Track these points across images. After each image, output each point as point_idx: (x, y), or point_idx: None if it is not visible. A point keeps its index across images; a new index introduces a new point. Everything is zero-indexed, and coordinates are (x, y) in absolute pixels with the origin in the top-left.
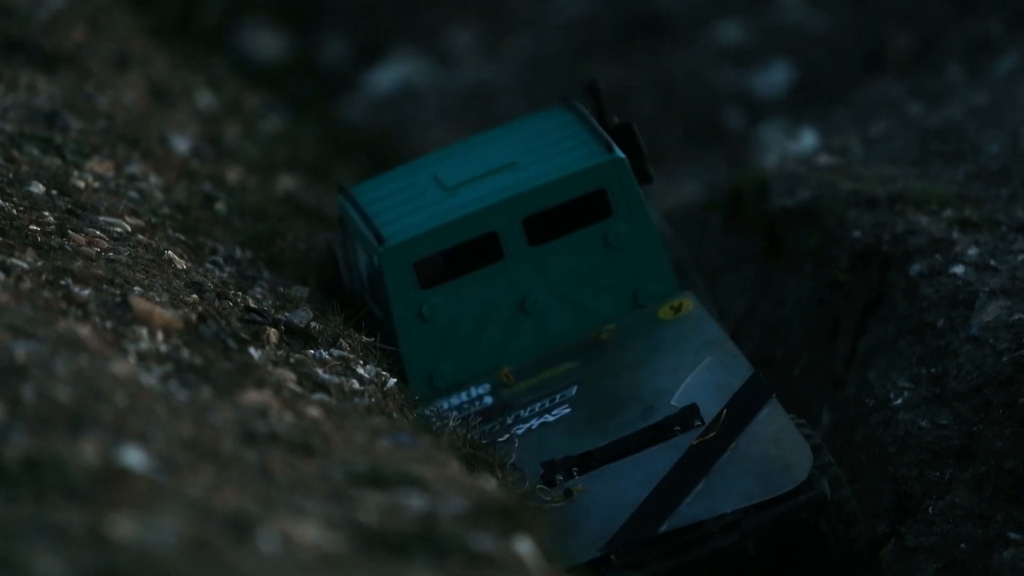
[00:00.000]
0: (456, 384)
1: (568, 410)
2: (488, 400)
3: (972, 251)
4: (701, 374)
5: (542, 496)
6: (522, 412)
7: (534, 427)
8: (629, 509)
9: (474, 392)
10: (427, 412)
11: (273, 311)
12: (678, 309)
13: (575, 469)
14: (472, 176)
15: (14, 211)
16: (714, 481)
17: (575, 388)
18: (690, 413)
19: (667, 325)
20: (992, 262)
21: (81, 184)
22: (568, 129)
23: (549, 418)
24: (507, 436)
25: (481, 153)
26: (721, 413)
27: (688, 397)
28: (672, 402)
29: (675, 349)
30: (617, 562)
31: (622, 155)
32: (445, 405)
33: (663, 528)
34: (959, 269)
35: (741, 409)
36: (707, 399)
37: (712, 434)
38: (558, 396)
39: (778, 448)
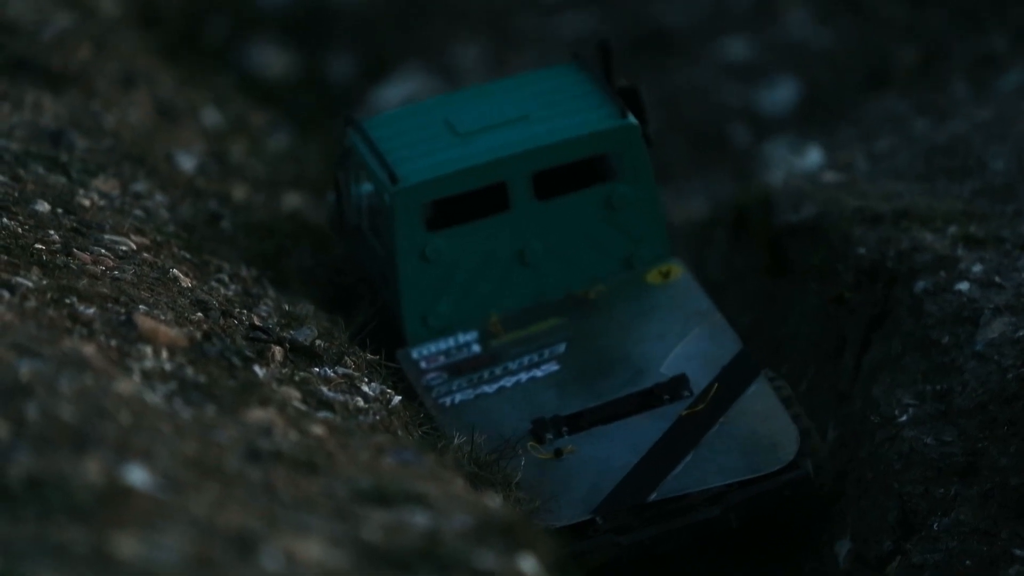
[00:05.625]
0: (447, 327)
1: (557, 367)
2: (476, 348)
3: (977, 268)
4: (690, 344)
5: (532, 452)
6: (511, 364)
7: (523, 381)
8: (618, 474)
9: (462, 339)
10: (413, 355)
11: (278, 329)
12: (667, 275)
13: (565, 428)
14: (485, 125)
15: (19, 230)
16: (702, 454)
17: (564, 345)
18: (679, 383)
19: (656, 290)
20: (997, 279)
21: (87, 202)
22: (581, 87)
23: (538, 373)
24: (496, 387)
25: (493, 102)
26: (712, 386)
27: (677, 366)
28: (661, 370)
29: (664, 315)
30: (603, 526)
31: (635, 121)
32: (433, 349)
33: (651, 497)
34: (964, 286)
35: (730, 384)
36: (696, 370)
37: (701, 407)
38: (547, 352)
39: (766, 426)
